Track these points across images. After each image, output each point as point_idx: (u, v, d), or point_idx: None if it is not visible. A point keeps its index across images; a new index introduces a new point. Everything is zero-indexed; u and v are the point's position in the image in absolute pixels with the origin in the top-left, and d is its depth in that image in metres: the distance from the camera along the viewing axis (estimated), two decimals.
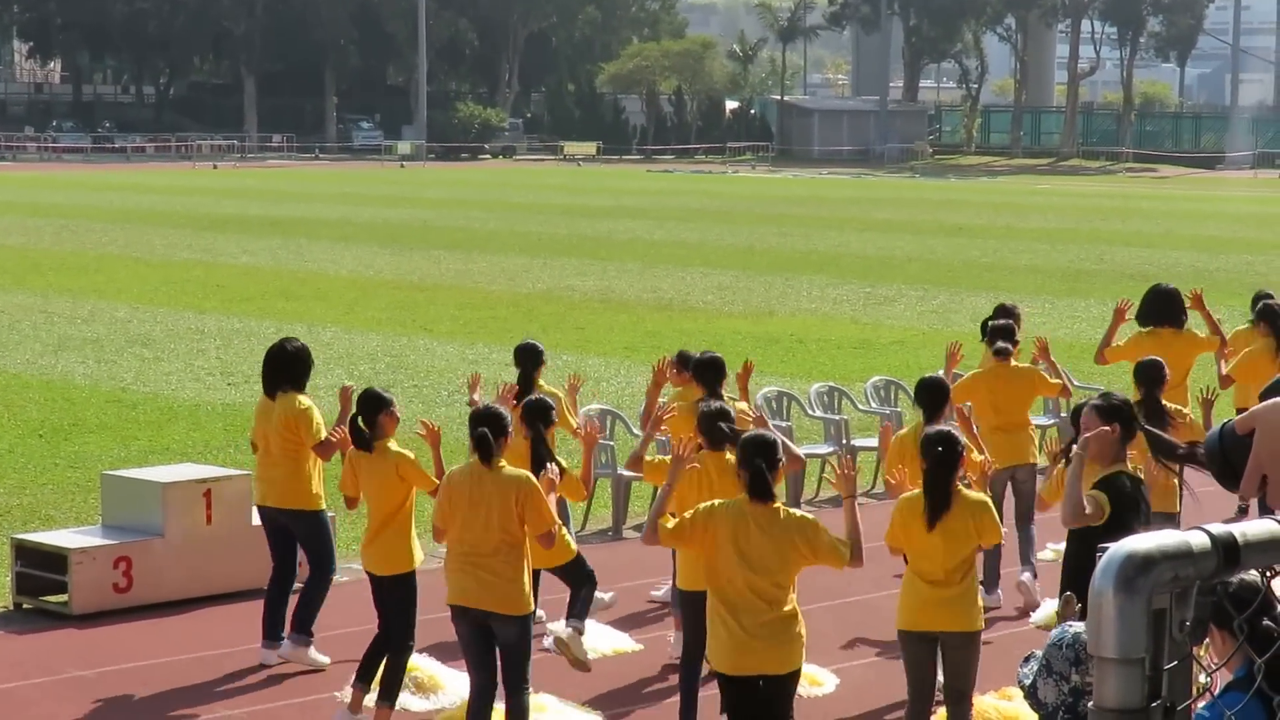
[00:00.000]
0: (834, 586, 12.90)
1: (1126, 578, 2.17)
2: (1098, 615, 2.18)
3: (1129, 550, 2.19)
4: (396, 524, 10.77)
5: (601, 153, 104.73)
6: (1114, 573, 2.18)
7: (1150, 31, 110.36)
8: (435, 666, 11.42)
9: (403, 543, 10.78)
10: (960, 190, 75.17)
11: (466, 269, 38.27)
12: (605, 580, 13.67)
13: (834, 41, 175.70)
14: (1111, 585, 2.17)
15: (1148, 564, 2.18)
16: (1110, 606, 2.17)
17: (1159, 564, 2.18)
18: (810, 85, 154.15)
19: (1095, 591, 2.19)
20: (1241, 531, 2.26)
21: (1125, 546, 2.20)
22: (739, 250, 43.22)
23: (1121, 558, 2.19)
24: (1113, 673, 2.18)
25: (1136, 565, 2.18)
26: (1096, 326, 29.45)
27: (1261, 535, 2.28)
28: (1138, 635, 2.17)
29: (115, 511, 13.51)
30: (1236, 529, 2.27)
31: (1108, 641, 2.18)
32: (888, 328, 29.19)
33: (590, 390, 22.06)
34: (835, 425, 17.62)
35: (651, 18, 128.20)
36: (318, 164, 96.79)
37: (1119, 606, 2.17)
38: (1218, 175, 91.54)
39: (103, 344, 26.53)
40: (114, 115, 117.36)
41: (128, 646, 12.29)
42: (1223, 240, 46.77)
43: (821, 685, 11.59)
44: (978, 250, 43.56)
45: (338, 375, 23.61)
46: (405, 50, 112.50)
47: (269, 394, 11.99)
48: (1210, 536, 2.23)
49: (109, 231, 47.31)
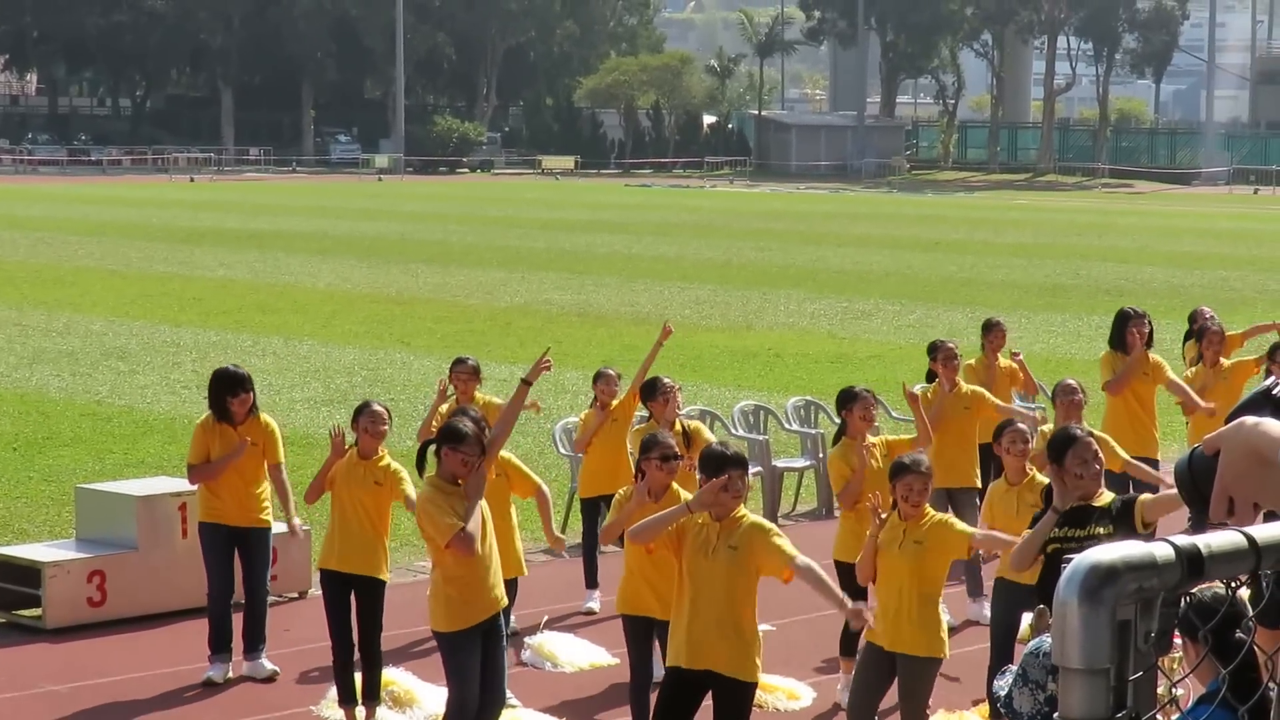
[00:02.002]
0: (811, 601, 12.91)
1: (1090, 589, 2.19)
2: (1062, 626, 2.20)
3: (1093, 561, 2.20)
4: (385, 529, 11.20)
5: (579, 167, 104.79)
6: (1078, 583, 2.19)
7: (1126, 48, 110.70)
8: (412, 680, 11.43)
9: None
10: (937, 205, 75.34)
11: (444, 282, 38.26)
12: (583, 594, 13.72)
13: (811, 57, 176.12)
14: (1076, 596, 2.19)
15: (1112, 575, 2.19)
16: (1075, 617, 2.18)
17: (1123, 575, 2.20)
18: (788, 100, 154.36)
19: (1059, 602, 2.20)
20: (1206, 543, 2.28)
21: (1089, 557, 2.21)
22: (716, 265, 43.27)
23: (1086, 569, 2.20)
24: (1077, 683, 2.19)
25: (1100, 576, 2.19)
26: (1072, 341, 29.53)
27: (1225, 546, 2.29)
28: (1102, 646, 2.18)
29: (89, 525, 13.48)
30: (1201, 540, 2.28)
31: (1072, 652, 2.19)
32: (865, 342, 29.24)
33: (568, 404, 22.06)
34: (812, 439, 17.66)
35: (629, 32, 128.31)
36: (295, 177, 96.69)
37: (1083, 617, 2.18)
38: (1193, 191, 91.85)
39: (78, 357, 26.47)
40: (90, 128, 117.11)
41: (101, 661, 12.26)
42: (1197, 255, 46.93)
43: (799, 699, 11.61)
44: (955, 265, 43.66)
45: (314, 389, 23.60)
46: (383, 64, 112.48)
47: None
48: (1174, 548, 2.24)
49: (84, 244, 47.21)
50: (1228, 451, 2.54)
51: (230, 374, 12.09)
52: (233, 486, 11.84)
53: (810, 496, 17.62)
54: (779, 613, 13.01)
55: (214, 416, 11.89)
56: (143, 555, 13.09)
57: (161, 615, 13.10)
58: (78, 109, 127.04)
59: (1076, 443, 9.34)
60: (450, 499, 9.51)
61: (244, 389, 11.90)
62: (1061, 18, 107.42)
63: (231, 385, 11.89)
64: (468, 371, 13.16)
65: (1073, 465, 9.27)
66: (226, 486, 11.85)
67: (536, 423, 20.54)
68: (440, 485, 9.57)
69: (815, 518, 17.07)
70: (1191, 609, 2.40)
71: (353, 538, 10.93)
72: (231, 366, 12.45)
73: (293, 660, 12.15)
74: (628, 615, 10.28)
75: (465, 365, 13.27)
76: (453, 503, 9.50)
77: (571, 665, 12.25)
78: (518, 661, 12.30)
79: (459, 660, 9.64)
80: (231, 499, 11.84)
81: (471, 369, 13.24)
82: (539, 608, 13.44)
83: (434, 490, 9.59)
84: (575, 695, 11.64)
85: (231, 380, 11.96)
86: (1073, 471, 9.27)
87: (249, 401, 11.92)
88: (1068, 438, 9.45)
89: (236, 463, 11.81)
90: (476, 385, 13.30)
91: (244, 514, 11.88)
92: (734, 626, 8.87)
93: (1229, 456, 2.54)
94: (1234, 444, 2.53)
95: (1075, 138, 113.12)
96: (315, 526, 13.53)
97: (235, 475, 11.84)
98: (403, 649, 12.19)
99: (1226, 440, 2.54)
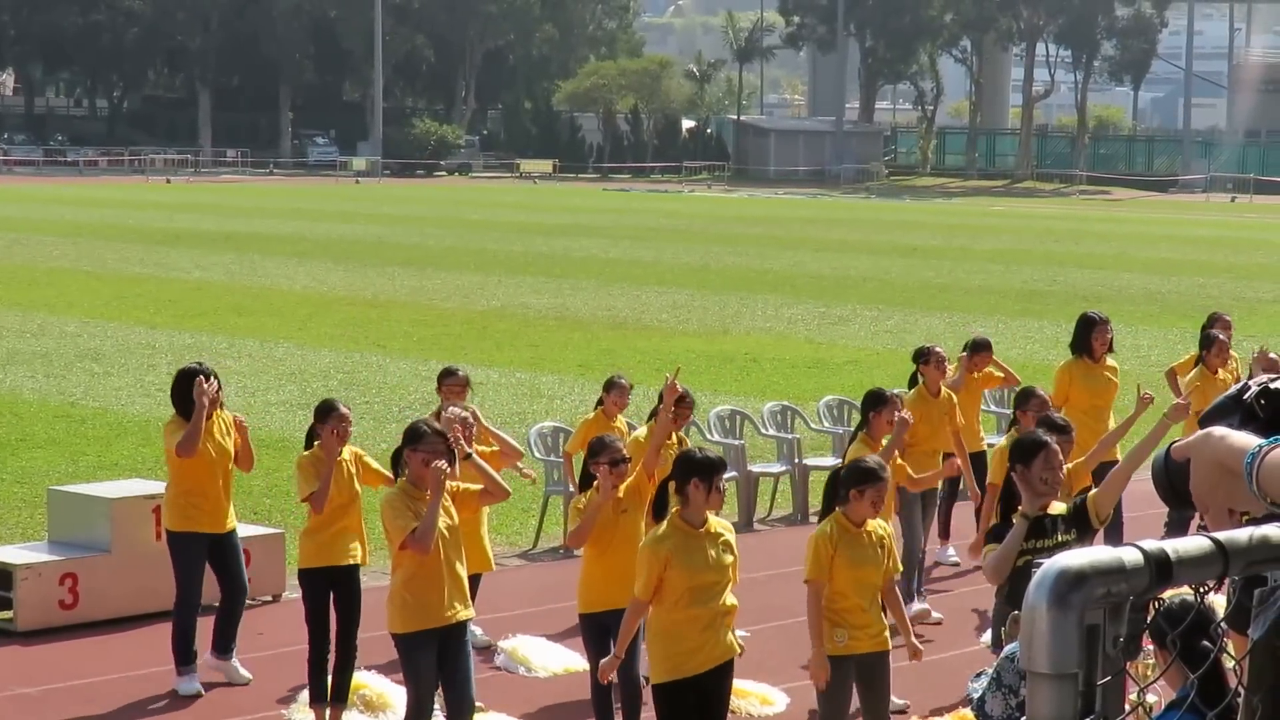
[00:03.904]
0: (786, 606, 12.91)
1: (1059, 593, 2.18)
2: (1030, 630, 2.19)
3: (1062, 566, 2.20)
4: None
5: (558, 171, 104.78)
6: (1047, 588, 2.19)
7: (1104, 55, 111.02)
8: (384, 684, 11.40)
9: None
10: (915, 211, 75.46)
11: (421, 286, 38.22)
12: (557, 598, 13.68)
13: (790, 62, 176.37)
14: (1045, 601, 2.18)
15: (1080, 580, 2.19)
16: (1043, 622, 2.18)
17: (1091, 580, 2.19)
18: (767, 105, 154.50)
19: (1028, 607, 2.20)
20: (1174, 548, 2.27)
21: (1059, 562, 2.21)
22: (694, 269, 43.28)
23: (1055, 574, 2.19)
24: (1045, 688, 2.18)
25: (1069, 581, 2.19)
26: (1049, 347, 29.56)
27: (1193, 551, 2.29)
28: (1070, 650, 2.18)
29: (62, 527, 13.42)
30: (1169, 545, 2.28)
31: (1040, 657, 2.18)
32: (842, 347, 29.26)
33: (544, 408, 22.05)
34: (788, 444, 17.65)
35: (609, 36, 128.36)
36: (272, 179, 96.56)
37: (1052, 622, 2.18)
38: (1171, 198, 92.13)
39: (52, 358, 26.38)
40: (67, 128, 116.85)
41: (73, 664, 12.20)
42: (1175, 262, 47.06)
43: (773, 704, 11.61)
44: (932, 271, 43.73)
45: (290, 392, 23.55)
46: (361, 66, 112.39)
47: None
48: (1143, 553, 2.24)
49: (60, 245, 47.08)
50: (1196, 464, 2.55)
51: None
52: (215, 495, 11.80)
53: (785, 502, 17.61)
54: (754, 619, 13.00)
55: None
56: (115, 558, 13.03)
57: (134, 618, 13.04)
58: (54, 109, 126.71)
59: (1046, 450, 9.38)
60: (413, 501, 9.63)
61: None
62: (1040, 24, 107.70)
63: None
64: (460, 385, 12.93)
65: (1040, 471, 9.33)
66: (210, 495, 11.79)
67: (511, 426, 20.53)
68: (405, 488, 9.71)
69: (791, 523, 17.07)
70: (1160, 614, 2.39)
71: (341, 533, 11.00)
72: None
73: (266, 664, 12.10)
74: (587, 614, 10.29)
75: (456, 378, 13.01)
76: (414, 505, 9.60)
77: (545, 670, 12.22)
78: (490, 666, 12.27)
79: (415, 661, 9.72)
80: (214, 507, 11.79)
81: (462, 381, 13.03)
82: (513, 611, 13.41)
83: (398, 492, 9.77)
84: (548, 700, 11.62)
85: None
86: (1039, 477, 9.32)
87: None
88: (1037, 443, 9.49)
89: (223, 466, 11.80)
90: (467, 396, 13.14)
91: (222, 520, 11.84)
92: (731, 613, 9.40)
93: (1198, 469, 2.55)
94: (1201, 456, 2.54)
95: (1054, 144, 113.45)
96: (289, 530, 13.48)
97: (220, 482, 11.78)
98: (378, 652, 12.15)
99: (1194, 451, 2.56)
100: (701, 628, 9.18)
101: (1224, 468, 2.50)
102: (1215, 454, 2.52)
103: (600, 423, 13.12)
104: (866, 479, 9.59)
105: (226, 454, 11.84)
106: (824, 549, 9.55)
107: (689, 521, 9.23)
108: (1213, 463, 2.52)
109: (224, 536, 11.86)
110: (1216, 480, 2.53)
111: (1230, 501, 2.52)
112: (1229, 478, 2.50)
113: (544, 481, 16.09)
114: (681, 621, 9.16)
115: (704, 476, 9.18)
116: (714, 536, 9.31)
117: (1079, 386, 14.76)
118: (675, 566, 9.12)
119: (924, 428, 13.89)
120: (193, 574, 11.81)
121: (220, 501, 11.80)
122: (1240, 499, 2.50)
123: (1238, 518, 2.52)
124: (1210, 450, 2.53)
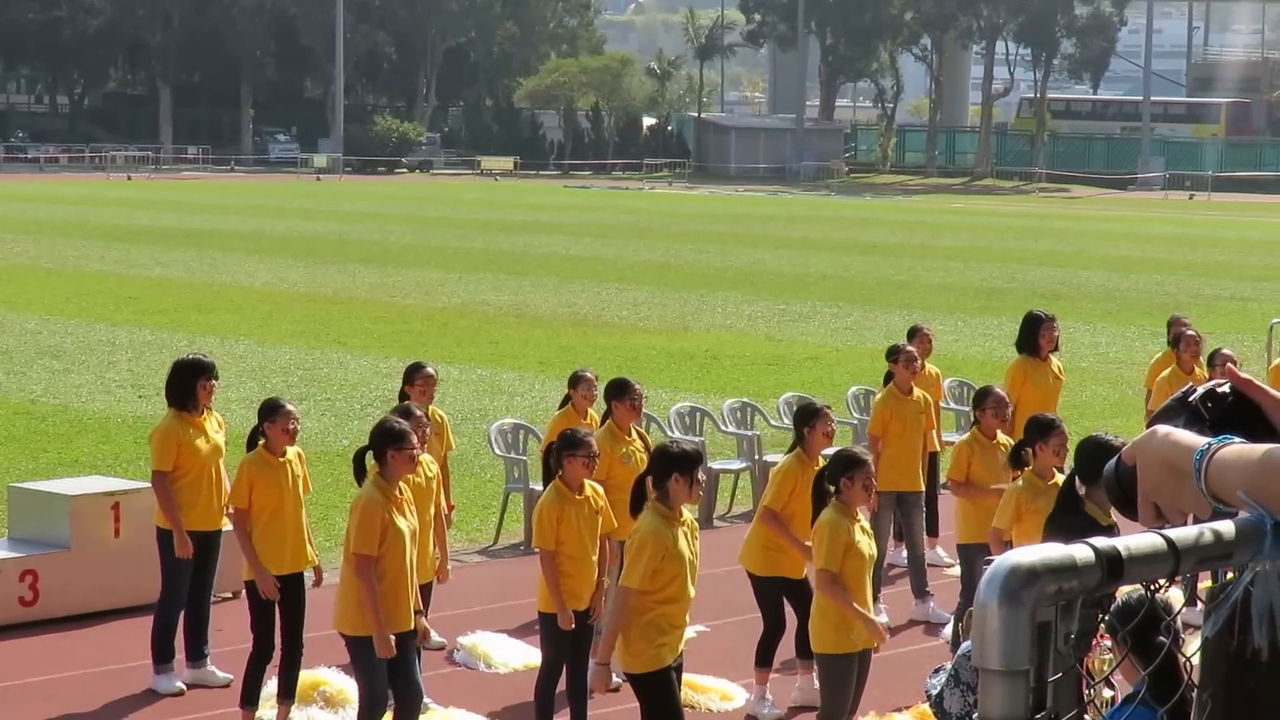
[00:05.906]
0: (747, 603, 12.93)
1: (1010, 590, 2.19)
2: (982, 627, 2.21)
3: (1013, 563, 2.21)
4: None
5: (519, 168, 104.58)
6: (998, 585, 2.20)
7: (1064, 54, 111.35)
8: (344, 680, 11.39)
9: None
10: (875, 209, 75.60)
11: (381, 283, 38.15)
12: (517, 594, 13.68)
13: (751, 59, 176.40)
14: (996, 597, 2.19)
15: (1031, 577, 2.20)
16: (994, 618, 2.19)
17: (1042, 577, 2.21)
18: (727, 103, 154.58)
19: (980, 604, 2.21)
20: (1125, 545, 2.29)
21: (1009, 559, 2.22)
22: (654, 266, 43.30)
23: (1005, 570, 2.21)
24: (997, 684, 2.20)
25: (1020, 578, 2.20)
26: (1008, 345, 29.65)
27: (1144, 549, 2.31)
28: (1022, 647, 2.19)
29: (22, 524, 13.39)
30: (1120, 542, 2.30)
31: (991, 653, 2.20)
32: (801, 344, 29.31)
33: (504, 405, 22.05)
34: (748, 441, 17.69)
35: (570, 34, 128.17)
36: (233, 176, 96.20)
37: (1003, 619, 2.19)
38: (1129, 196, 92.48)
39: (12, 355, 26.26)
40: (27, 125, 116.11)
41: (33, 661, 12.17)
42: (1133, 260, 47.25)
43: (733, 700, 11.64)
44: (892, 268, 43.82)
45: (250, 388, 23.47)
46: (322, 63, 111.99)
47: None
48: (1094, 550, 2.26)
49: (20, 242, 46.85)
50: (1143, 464, 2.55)
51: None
52: (207, 493, 11.78)
53: (746, 498, 17.65)
54: (714, 614, 13.04)
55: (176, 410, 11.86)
56: (75, 555, 13.00)
57: (94, 615, 13.02)
58: (14, 106, 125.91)
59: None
60: (390, 508, 9.57)
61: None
62: (1001, 23, 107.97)
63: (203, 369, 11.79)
64: (424, 379, 12.92)
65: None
66: (202, 493, 11.76)
67: (471, 423, 20.52)
68: (384, 488, 9.63)
69: (750, 519, 17.08)
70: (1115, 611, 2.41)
71: (292, 536, 10.97)
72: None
73: (226, 661, 12.07)
74: (547, 613, 10.29)
75: (423, 371, 13.00)
76: (391, 513, 9.56)
77: (505, 666, 12.23)
78: (450, 662, 12.28)
79: (368, 660, 9.71)
80: (205, 505, 11.76)
81: (433, 377, 13.04)
82: (472, 608, 13.42)
83: (379, 498, 9.65)
84: (509, 696, 11.63)
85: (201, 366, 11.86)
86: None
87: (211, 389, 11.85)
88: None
89: (215, 464, 11.77)
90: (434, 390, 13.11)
91: (213, 518, 11.81)
92: None
93: (1144, 468, 2.55)
94: (1147, 455, 2.54)
95: (1013, 142, 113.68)
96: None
97: (214, 482, 11.74)
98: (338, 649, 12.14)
99: (1140, 451, 2.55)
100: (680, 616, 9.29)
101: (1170, 465, 2.50)
102: (1160, 451, 2.51)
103: (571, 418, 13.10)
104: (852, 465, 9.68)
105: (218, 451, 11.82)
106: (839, 537, 9.65)
107: (669, 512, 9.28)
108: (1159, 461, 2.52)
109: (212, 535, 11.83)
110: (1161, 479, 2.52)
111: (1177, 501, 2.52)
112: (1173, 476, 2.50)
113: (505, 479, 16.10)
114: (669, 611, 9.23)
115: (685, 470, 9.22)
116: (690, 527, 9.43)
117: (1029, 384, 14.81)
118: (669, 557, 9.19)
119: (897, 425, 13.91)
120: (183, 574, 11.80)
121: (212, 499, 11.78)
122: (1187, 498, 2.49)
123: (1182, 518, 2.52)
124: (1155, 448, 2.52)
